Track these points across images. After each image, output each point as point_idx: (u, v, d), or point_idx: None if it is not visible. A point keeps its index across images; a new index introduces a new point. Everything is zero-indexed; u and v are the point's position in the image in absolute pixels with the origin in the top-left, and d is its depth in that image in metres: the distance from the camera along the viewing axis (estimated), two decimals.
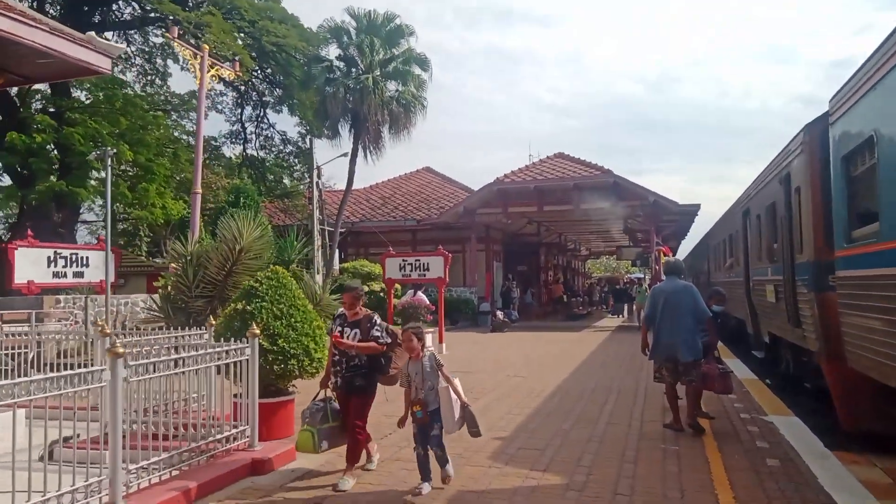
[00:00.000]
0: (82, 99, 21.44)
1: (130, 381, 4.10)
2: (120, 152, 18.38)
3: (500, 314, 21.24)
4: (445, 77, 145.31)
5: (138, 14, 24.56)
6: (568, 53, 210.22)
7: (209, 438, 4.94)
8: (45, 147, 17.85)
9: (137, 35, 26.11)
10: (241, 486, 4.86)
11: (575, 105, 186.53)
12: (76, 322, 12.31)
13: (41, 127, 17.49)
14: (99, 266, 12.20)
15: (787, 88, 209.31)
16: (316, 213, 22.67)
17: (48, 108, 20.02)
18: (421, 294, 15.45)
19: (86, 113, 19.14)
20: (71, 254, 12.78)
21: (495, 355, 13.82)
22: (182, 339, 6.23)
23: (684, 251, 35.85)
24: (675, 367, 6.65)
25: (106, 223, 12.58)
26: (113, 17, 24.79)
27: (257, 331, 5.50)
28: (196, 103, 15.39)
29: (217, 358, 5.05)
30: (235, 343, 5.30)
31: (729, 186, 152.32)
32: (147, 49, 26.40)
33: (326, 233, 24.14)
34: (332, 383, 5.02)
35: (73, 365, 6.83)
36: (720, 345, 8.02)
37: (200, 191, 13.00)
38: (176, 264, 9.35)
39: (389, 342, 4.98)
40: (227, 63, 15.09)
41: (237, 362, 5.28)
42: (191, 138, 24.57)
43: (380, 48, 23.22)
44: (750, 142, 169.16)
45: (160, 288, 9.97)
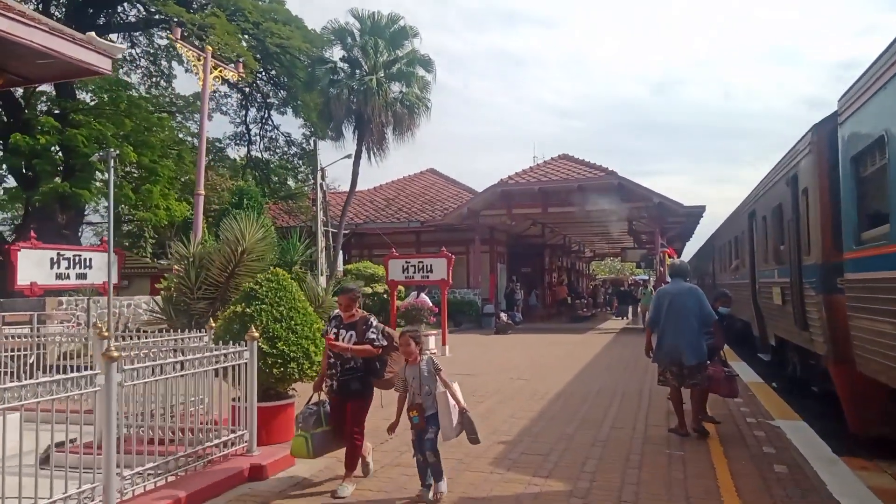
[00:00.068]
0: (87, 101, 21.46)
1: (125, 386, 4.03)
2: (124, 154, 18.40)
3: (504, 316, 21.16)
4: (450, 79, 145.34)
5: (143, 16, 24.62)
6: (572, 55, 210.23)
7: (206, 443, 4.87)
8: (49, 149, 17.88)
9: (142, 37, 26.20)
10: (239, 493, 4.78)
11: (579, 107, 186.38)
12: (78, 324, 12.28)
13: (45, 129, 17.51)
14: (102, 268, 12.17)
15: (792, 90, 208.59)
16: (320, 215, 22.66)
17: (53, 110, 20.05)
18: (424, 296, 15.42)
19: (90, 115, 19.15)
20: (74, 255, 12.77)
21: (499, 357, 13.73)
22: (181, 342, 6.16)
23: (689, 253, 35.69)
24: (680, 371, 6.57)
25: (109, 225, 12.55)
26: (118, 20, 24.86)
27: (256, 334, 5.43)
28: (200, 105, 15.38)
29: (215, 361, 4.98)
30: (234, 346, 5.23)
31: (733, 188, 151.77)
32: (152, 51, 26.49)
33: (330, 234, 24.12)
34: (327, 386, 4.91)
35: (75, 367, 6.78)
36: (726, 347, 7.92)
37: (203, 192, 12.97)
38: (178, 266, 9.31)
39: (385, 345, 4.87)
40: (231, 64, 15.06)
41: (236, 366, 5.21)
42: (195, 140, 24.57)
43: (384, 49, 23.20)
44: (754, 143, 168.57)
45: (163, 290, 9.93)
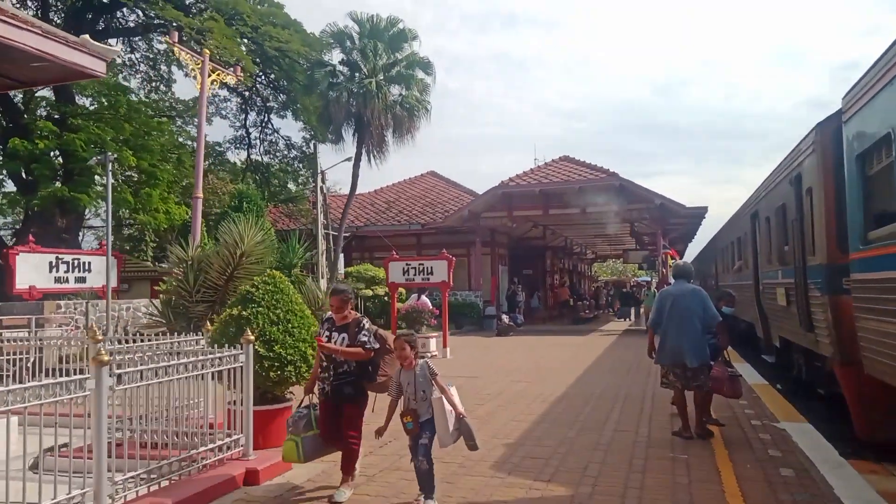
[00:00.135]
0: (87, 105, 21.42)
1: (116, 390, 3.94)
2: (123, 158, 18.34)
3: (506, 318, 21.06)
4: (451, 81, 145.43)
5: (142, 21, 24.58)
6: (574, 56, 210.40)
7: (200, 448, 4.77)
8: (48, 153, 17.83)
9: (141, 42, 26.18)
10: (234, 498, 4.69)
11: (581, 108, 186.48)
12: (77, 327, 12.20)
13: (43, 133, 17.46)
14: (101, 271, 12.12)
15: (795, 91, 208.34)
16: (320, 218, 22.59)
17: (53, 115, 20.01)
18: (425, 298, 15.33)
19: (89, 119, 19.11)
20: (73, 259, 12.72)
21: (500, 360, 13.64)
22: (175, 346, 6.08)
23: (692, 254, 35.60)
24: (684, 372, 6.48)
25: (107, 228, 12.50)
26: (117, 24, 24.81)
27: (252, 337, 5.34)
28: (198, 108, 15.32)
29: (209, 365, 4.89)
30: (229, 349, 5.15)
31: (736, 189, 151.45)
32: (151, 56, 26.47)
33: (331, 237, 24.06)
34: (319, 390, 4.79)
35: (76, 371, 6.71)
36: (729, 349, 7.82)
37: (201, 195, 12.90)
38: (177, 269, 9.25)
39: (377, 348, 4.75)
40: (230, 68, 15.01)
41: (231, 369, 5.12)
42: (195, 144, 24.55)
43: (383, 52, 23.17)
44: (757, 144, 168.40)
45: (162, 293, 9.86)
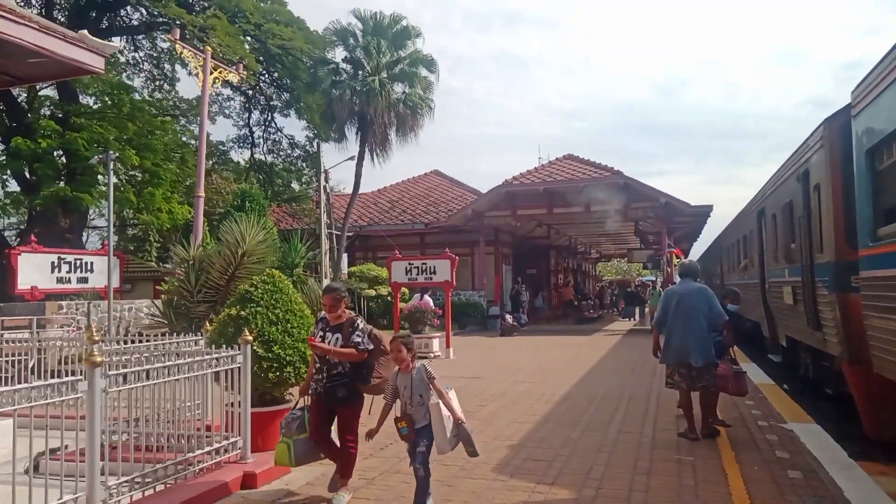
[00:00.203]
0: (91, 105, 21.41)
1: (109, 392, 3.87)
2: (126, 157, 18.32)
3: (510, 318, 20.95)
4: (453, 81, 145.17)
5: (145, 19, 24.59)
6: (576, 56, 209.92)
7: (197, 451, 4.70)
8: (51, 153, 17.81)
9: (145, 41, 26.19)
10: (231, 502, 4.62)
11: (583, 108, 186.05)
12: (79, 328, 12.17)
13: (46, 132, 17.44)
14: (104, 271, 12.08)
15: (797, 91, 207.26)
16: (323, 217, 22.52)
17: (57, 114, 20.00)
18: (427, 298, 15.25)
19: (92, 118, 19.09)
20: (75, 259, 12.67)
21: (504, 360, 13.55)
22: (173, 347, 6.00)
23: (696, 253, 35.41)
24: (689, 372, 6.39)
25: (108, 228, 12.47)
26: (120, 23, 24.83)
27: (250, 337, 5.26)
28: (200, 106, 15.27)
29: (206, 366, 4.81)
30: (226, 350, 5.07)
31: (738, 189, 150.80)
32: (155, 54, 26.46)
33: (334, 237, 23.99)
34: (312, 390, 4.67)
35: (74, 373, 6.65)
36: (735, 348, 7.71)
37: (203, 194, 12.85)
38: (179, 269, 9.20)
39: (371, 349, 4.61)
40: (232, 66, 14.95)
41: (228, 370, 5.05)
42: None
43: (386, 50, 23.07)
44: (759, 144, 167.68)
45: (163, 293, 9.81)
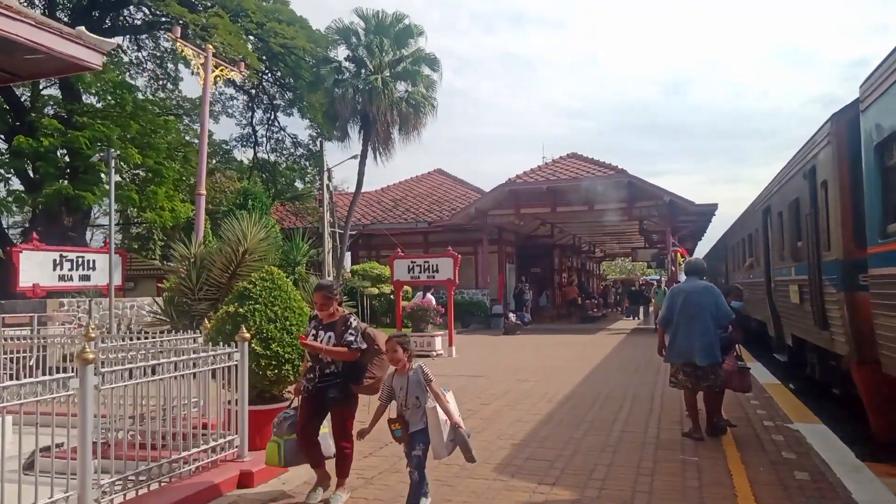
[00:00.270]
0: (94, 103, 21.38)
1: (102, 389, 3.80)
2: (128, 156, 18.27)
3: (513, 316, 20.87)
4: (458, 80, 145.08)
5: (148, 19, 24.56)
6: (581, 56, 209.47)
7: (193, 449, 4.62)
8: (53, 151, 17.77)
9: (148, 40, 26.17)
10: (227, 501, 4.55)
11: (588, 107, 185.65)
12: (80, 325, 12.14)
13: (48, 131, 17.41)
14: (106, 269, 12.07)
15: (803, 89, 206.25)
16: (326, 216, 22.48)
17: (60, 113, 19.98)
18: (430, 296, 15.17)
19: (96, 117, 19.06)
20: (77, 257, 12.65)
21: (507, 358, 13.46)
22: (172, 344, 5.95)
23: (701, 252, 35.21)
24: (694, 371, 6.30)
25: (109, 225, 12.44)
26: (123, 22, 24.80)
27: (247, 335, 5.18)
28: (201, 103, 15.20)
29: (203, 364, 4.74)
30: (223, 347, 5.00)
31: (744, 188, 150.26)
32: (158, 54, 26.45)
33: (337, 235, 23.95)
34: (303, 389, 4.54)
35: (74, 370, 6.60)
36: (741, 348, 7.60)
37: (204, 192, 12.79)
38: (180, 266, 9.15)
39: (364, 348, 4.48)
40: (233, 65, 14.88)
41: (225, 368, 4.97)
42: None
43: (389, 48, 22.98)
44: (765, 143, 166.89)
45: (165, 291, 9.77)
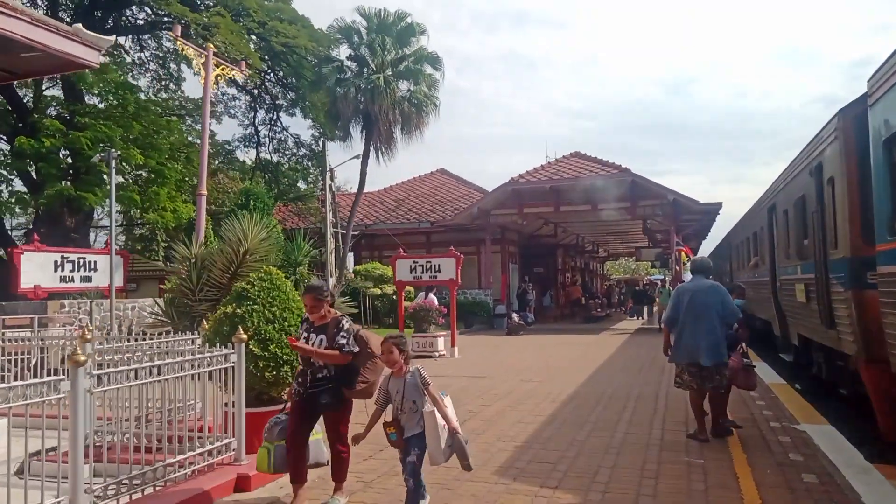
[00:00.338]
0: (97, 104, 21.36)
1: (94, 392, 3.73)
2: (130, 156, 18.24)
3: (516, 317, 20.77)
4: (460, 81, 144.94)
5: (151, 18, 24.54)
6: (583, 56, 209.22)
7: (189, 453, 4.55)
8: (55, 152, 17.75)
9: (151, 40, 26.14)
10: None
11: (590, 107, 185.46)
12: (81, 327, 12.09)
13: (50, 132, 17.39)
14: (107, 270, 12.04)
15: (806, 89, 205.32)
16: (329, 216, 22.41)
17: (63, 114, 19.96)
18: (432, 296, 15.09)
19: (98, 118, 19.03)
20: (78, 258, 12.62)
21: (509, 359, 13.37)
22: (170, 345, 5.88)
23: (705, 252, 35.05)
24: (699, 372, 6.20)
25: (110, 226, 12.39)
26: (126, 22, 24.78)
27: (244, 336, 5.10)
28: (202, 102, 15.15)
29: (198, 365, 4.66)
30: (220, 349, 4.92)
31: (747, 187, 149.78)
32: (161, 54, 26.41)
33: (339, 235, 23.88)
34: (294, 392, 4.42)
35: None
36: (747, 348, 7.50)
37: (205, 192, 12.74)
38: (181, 267, 9.10)
39: (357, 352, 4.34)
40: (235, 64, 14.83)
41: (221, 370, 4.90)
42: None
43: (391, 47, 22.91)
44: (768, 143, 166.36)
45: (166, 292, 9.73)
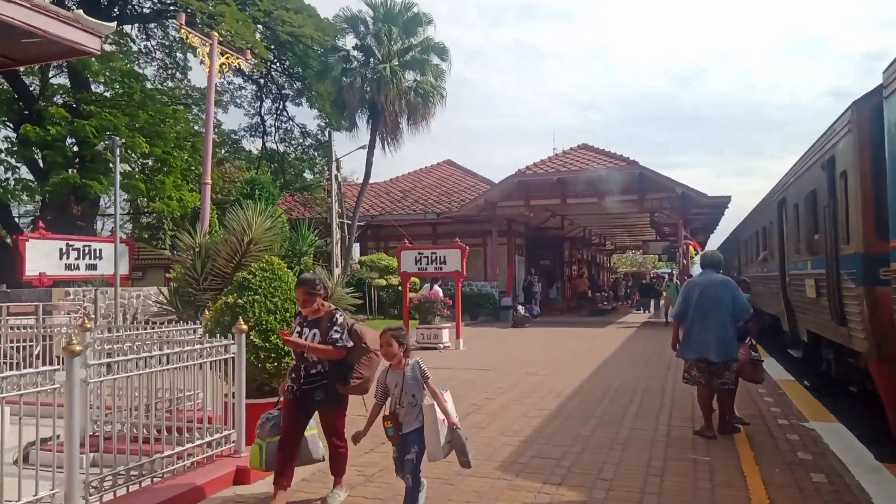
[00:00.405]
0: (103, 93, 21.31)
1: (90, 383, 3.67)
2: (136, 144, 18.20)
3: (522, 309, 20.69)
4: (467, 72, 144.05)
5: (157, 7, 24.43)
6: (591, 47, 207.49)
7: (187, 444, 4.50)
8: (60, 139, 17.73)
9: (157, 29, 26.04)
10: (223, 497, 4.42)
11: (598, 99, 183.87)
12: (86, 315, 12.09)
13: (55, 119, 17.36)
14: (112, 258, 12.04)
15: (817, 82, 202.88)
16: (335, 207, 22.34)
17: (70, 103, 19.92)
18: (437, 288, 15.02)
19: (104, 106, 18.98)
20: (84, 246, 12.64)
21: (515, 351, 13.30)
22: (171, 335, 5.83)
23: (713, 245, 34.80)
24: (708, 368, 6.10)
25: (114, 214, 12.34)
26: (132, 11, 24.68)
27: (244, 327, 5.04)
28: (214, 95, 15.07)
29: (197, 356, 4.60)
30: (219, 339, 4.86)
31: (756, 180, 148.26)
32: (167, 43, 26.31)
33: (345, 226, 23.83)
34: (288, 388, 4.29)
35: None
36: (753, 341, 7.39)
37: (210, 181, 12.66)
38: (186, 256, 9.07)
39: (351, 346, 4.21)
40: (240, 52, 14.72)
41: (221, 361, 4.84)
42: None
43: (397, 37, 22.76)
44: (779, 135, 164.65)
45: (171, 280, 9.70)
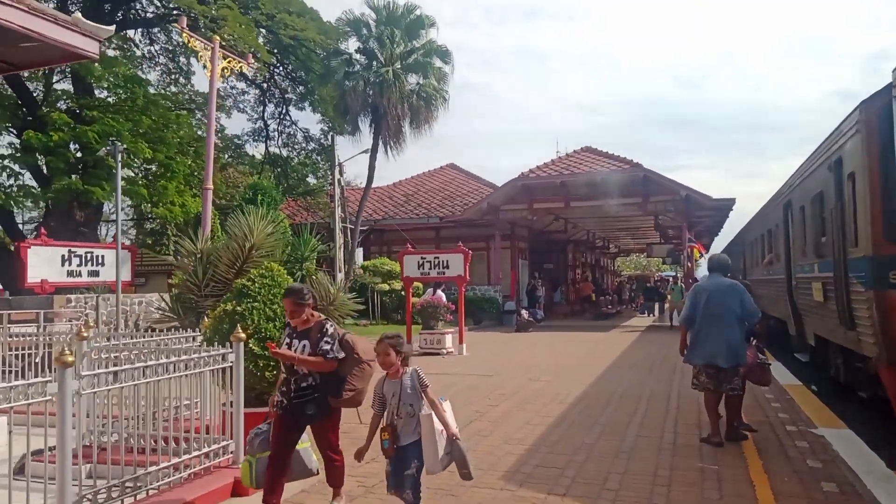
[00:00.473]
0: (106, 98, 21.32)
1: (83, 394, 3.59)
2: (138, 150, 18.19)
3: (525, 313, 20.58)
4: (471, 75, 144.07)
5: (160, 12, 24.45)
6: (596, 50, 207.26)
7: (184, 456, 4.41)
8: (63, 145, 17.72)
9: (161, 34, 26.07)
10: None
11: (603, 102, 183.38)
12: (87, 322, 12.05)
13: (58, 125, 17.36)
14: (115, 264, 11.99)
15: (822, 83, 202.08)
16: (338, 211, 22.29)
17: (74, 109, 19.93)
18: (440, 292, 14.93)
19: (106, 112, 18.98)
20: (86, 252, 12.58)
21: (518, 356, 13.20)
22: (169, 344, 5.75)
23: (718, 248, 34.62)
24: (716, 373, 6.00)
25: (116, 220, 12.31)
26: (135, 16, 24.71)
27: (243, 335, 4.95)
28: (217, 100, 15.06)
29: (193, 365, 4.52)
30: (217, 348, 4.78)
31: (762, 183, 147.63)
32: (170, 48, 26.34)
33: (348, 231, 23.77)
34: (277, 402, 4.13)
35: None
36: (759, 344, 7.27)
37: (211, 187, 12.62)
38: (187, 262, 9.02)
39: (342, 357, 4.06)
40: (243, 57, 14.69)
41: (219, 370, 4.75)
42: (216, 135, 24.32)
43: (400, 40, 22.71)
44: (783, 137, 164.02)
45: (173, 287, 9.66)
